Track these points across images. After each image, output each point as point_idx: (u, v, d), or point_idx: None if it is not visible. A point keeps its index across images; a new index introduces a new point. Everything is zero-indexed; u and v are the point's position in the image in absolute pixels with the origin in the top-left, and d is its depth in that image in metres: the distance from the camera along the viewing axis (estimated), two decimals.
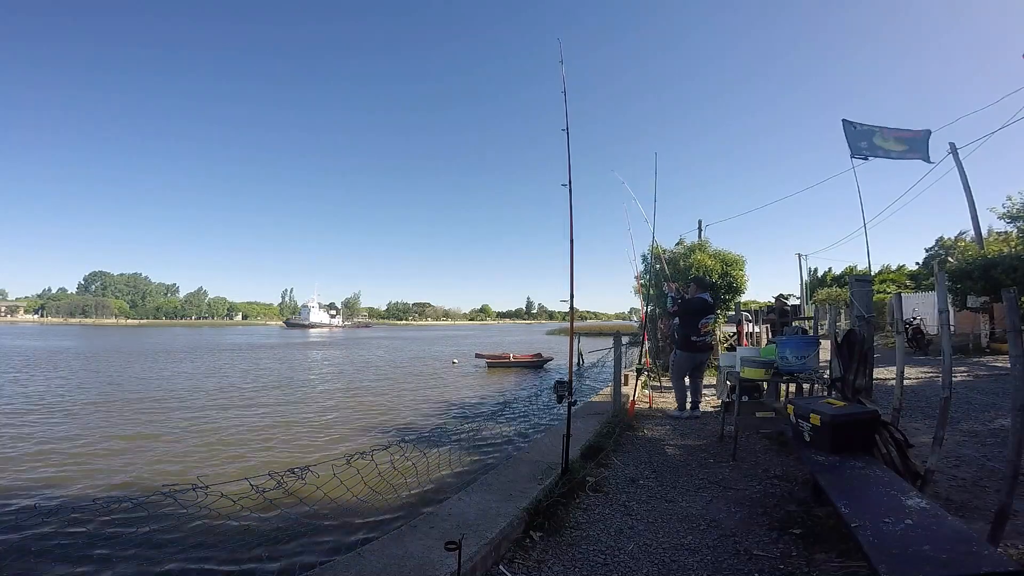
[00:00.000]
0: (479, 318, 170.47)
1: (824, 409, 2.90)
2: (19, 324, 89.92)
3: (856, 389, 3.78)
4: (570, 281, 3.72)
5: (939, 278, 3.23)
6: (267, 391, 13.36)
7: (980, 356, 11.88)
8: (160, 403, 11.10)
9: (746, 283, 12.50)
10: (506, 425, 8.66)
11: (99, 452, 7.10)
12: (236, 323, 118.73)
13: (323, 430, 8.66)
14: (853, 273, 24.69)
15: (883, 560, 1.70)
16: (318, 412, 10.32)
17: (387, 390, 13.79)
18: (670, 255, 13.06)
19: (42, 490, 5.58)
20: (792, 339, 4.55)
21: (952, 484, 3.31)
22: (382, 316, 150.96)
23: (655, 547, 2.66)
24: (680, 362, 5.96)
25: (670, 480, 3.74)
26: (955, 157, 13.97)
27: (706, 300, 6.04)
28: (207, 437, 8.05)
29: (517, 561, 2.53)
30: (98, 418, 9.40)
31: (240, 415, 9.90)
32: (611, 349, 7.13)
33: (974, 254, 13.20)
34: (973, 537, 1.81)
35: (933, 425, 3.19)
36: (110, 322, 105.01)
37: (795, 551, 2.55)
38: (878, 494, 2.25)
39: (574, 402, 3.57)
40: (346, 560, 2.33)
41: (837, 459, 2.71)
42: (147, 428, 8.63)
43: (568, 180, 3.68)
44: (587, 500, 3.32)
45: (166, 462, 6.64)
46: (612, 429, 4.96)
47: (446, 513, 2.88)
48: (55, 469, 6.33)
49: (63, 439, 7.78)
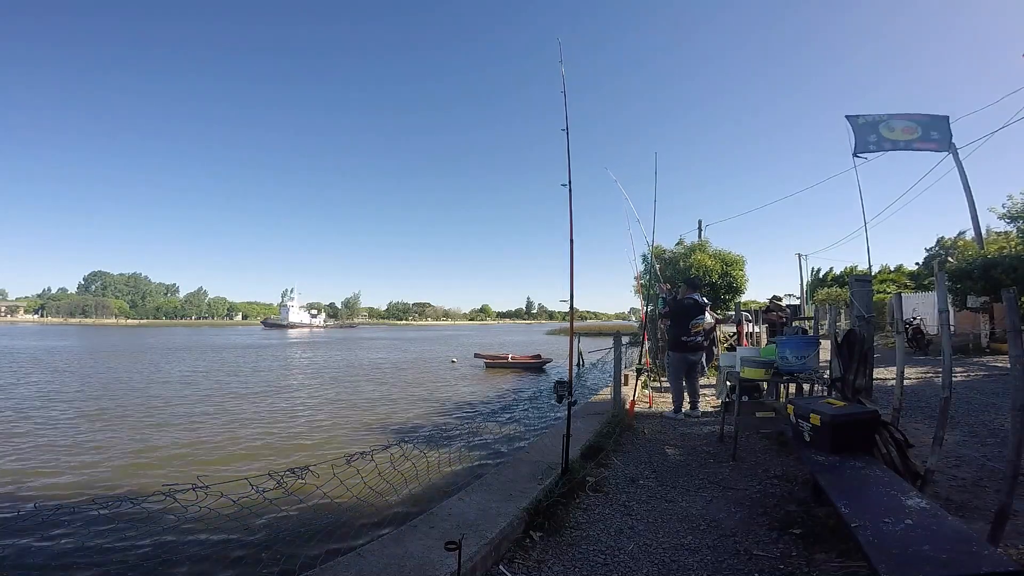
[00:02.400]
0: (479, 318, 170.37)
1: (824, 409, 2.90)
2: (19, 324, 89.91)
3: (856, 389, 3.78)
4: (570, 281, 3.72)
5: (939, 278, 3.23)
6: (255, 392, 13.36)
7: (980, 356, 11.88)
8: (149, 407, 11.10)
9: (746, 283, 12.53)
10: (506, 425, 8.67)
11: (99, 452, 7.10)
12: (236, 323, 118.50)
13: (323, 430, 8.66)
14: (853, 273, 24.68)
15: (883, 560, 1.70)
16: (317, 412, 10.32)
17: (386, 390, 13.79)
18: (670, 255, 13.08)
19: (42, 490, 5.58)
20: (792, 339, 4.55)
21: (952, 484, 3.31)
22: (382, 316, 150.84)
23: (655, 547, 2.66)
24: (673, 363, 5.98)
25: (670, 480, 3.74)
26: (955, 157, 13.95)
27: (697, 300, 6.09)
28: (206, 437, 8.05)
29: (517, 561, 2.53)
30: (98, 417, 9.40)
31: (239, 414, 9.90)
32: (611, 349, 7.13)
33: (974, 254, 13.19)
34: (973, 537, 1.81)
35: (933, 425, 3.19)
36: (110, 322, 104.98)
37: (795, 551, 2.55)
38: (878, 494, 2.25)
39: (574, 402, 3.57)
40: (346, 560, 2.33)
41: (837, 459, 2.71)
42: (140, 429, 8.63)
43: (568, 180, 3.69)
44: (587, 500, 3.32)
45: (158, 464, 6.64)
46: (612, 429, 4.96)
47: (446, 513, 2.88)
48: (55, 469, 6.33)
49: (63, 438, 7.78)
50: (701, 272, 11.64)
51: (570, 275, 3.70)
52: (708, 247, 12.94)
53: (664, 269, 11.68)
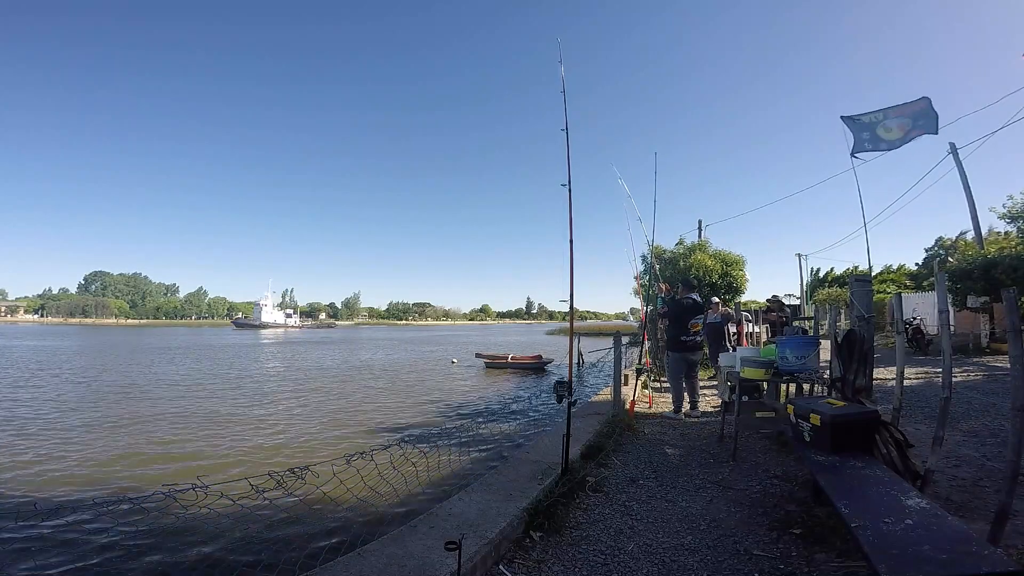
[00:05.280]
0: (479, 318, 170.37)
1: (824, 409, 2.90)
2: (19, 324, 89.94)
3: (856, 389, 3.77)
4: (570, 281, 3.72)
5: (939, 278, 3.23)
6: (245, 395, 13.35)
7: (980, 356, 11.88)
8: (150, 404, 11.09)
9: (746, 283, 12.52)
10: (506, 425, 8.67)
11: (99, 451, 7.09)
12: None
13: (322, 430, 8.66)
14: (855, 273, 24.67)
15: (883, 560, 1.70)
16: (315, 412, 10.32)
17: (386, 390, 13.79)
18: (670, 255, 13.08)
19: (42, 490, 5.58)
20: (792, 339, 4.55)
21: (952, 484, 3.31)
22: (382, 316, 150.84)
23: (655, 547, 2.66)
24: (673, 363, 5.99)
25: (670, 480, 3.74)
26: (955, 157, 13.97)
27: (695, 300, 6.14)
28: (202, 437, 8.05)
29: (517, 561, 2.53)
30: (96, 417, 9.39)
31: (236, 415, 9.90)
32: (611, 349, 7.13)
33: (974, 254, 13.20)
34: (973, 537, 1.81)
35: (933, 425, 3.19)
36: (110, 322, 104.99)
37: (795, 551, 2.55)
38: (878, 494, 2.25)
39: (574, 402, 3.57)
40: (346, 560, 2.33)
41: (837, 459, 2.70)
42: (138, 430, 8.62)
43: (568, 180, 3.69)
44: (587, 500, 3.31)
45: (159, 462, 6.64)
46: (612, 429, 4.96)
47: (446, 513, 2.88)
48: (54, 469, 6.32)
49: (62, 439, 7.78)
50: (701, 272, 11.64)
51: (570, 275, 3.70)
52: (708, 247, 12.93)
53: (664, 269, 11.68)
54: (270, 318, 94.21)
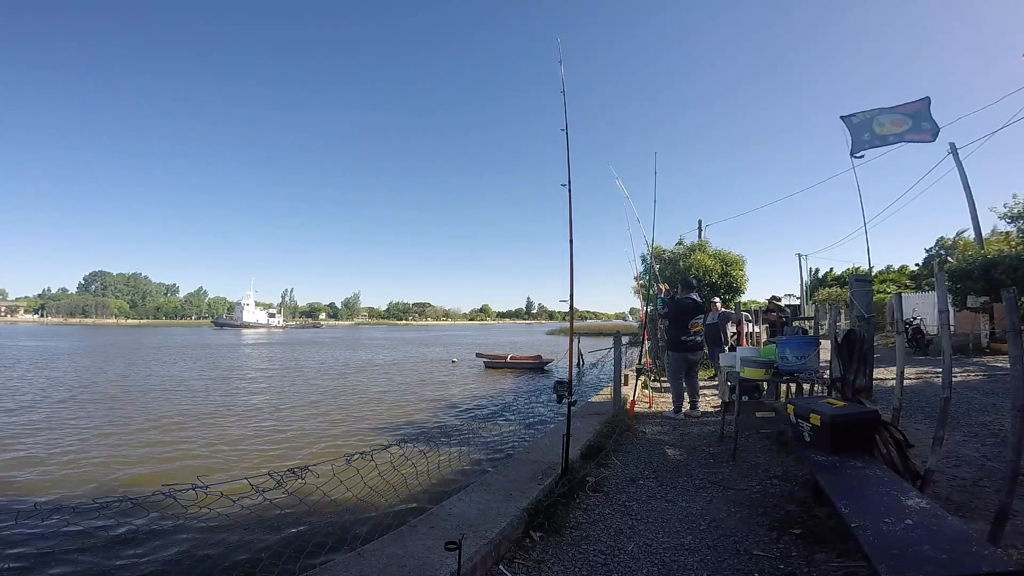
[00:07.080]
0: (479, 318, 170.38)
1: (824, 409, 2.90)
2: (19, 324, 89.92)
3: (856, 389, 3.77)
4: (570, 281, 3.72)
5: (939, 278, 3.23)
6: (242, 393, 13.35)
7: (980, 356, 11.88)
8: (145, 405, 11.10)
9: (746, 283, 12.54)
10: (506, 425, 8.67)
11: (98, 451, 7.09)
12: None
13: (322, 431, 8.66)
14: (855, 273, 24.68)
15: (883, 560, 1.70)
16: (316, 412, 10.32)
17: (386, 390, 13.79)
18: (670, 255, 13.09)
19: (42, 490, 5.58)
20: (792, 339, 4.55)
21: (952, 484, 3.31)
22: (382, 316, 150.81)
23: (655, 547, 2.66)
24: (674, 363, 5.99)
25: (670, 480, 3.74)
26: (955, 157, 13.98)
27: (695, 300, 6.13)
28: (201, 435, 8.04)
29: (517, 561, 2.53)
30: (97, 416, 9.40)
31: (235, 414, 9.90)
32: (611, 349, 7.13)
33: (974, 254, 13.20)
34: (973, 537, 1.81)
35: (933, 425, 3.19)
36: (110, 322, 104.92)
37: (795, 551, 2.55)
38: (878, 494, 2.25)
39: (574, 402, 3.57)
40: (346, 560, 2.33)
41: (837, 459, 2.70)
42: (138, 430, 8.62)
43: (568, 180, 3.69)
44: (587, 500, 3.31)
45: (159, 462, 6.64)
46: (612, 429, 4.96)
47: (446, 513, 2.88)
48: (54, 469, 6.32)
49: (61, 438, 7.78)
50: (701, 272, 11.65)
51: (570, 275, 3.70)
52: (708, 247, 12.95)
53: (664, 269, 11.69)
54: (252, 318, 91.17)
